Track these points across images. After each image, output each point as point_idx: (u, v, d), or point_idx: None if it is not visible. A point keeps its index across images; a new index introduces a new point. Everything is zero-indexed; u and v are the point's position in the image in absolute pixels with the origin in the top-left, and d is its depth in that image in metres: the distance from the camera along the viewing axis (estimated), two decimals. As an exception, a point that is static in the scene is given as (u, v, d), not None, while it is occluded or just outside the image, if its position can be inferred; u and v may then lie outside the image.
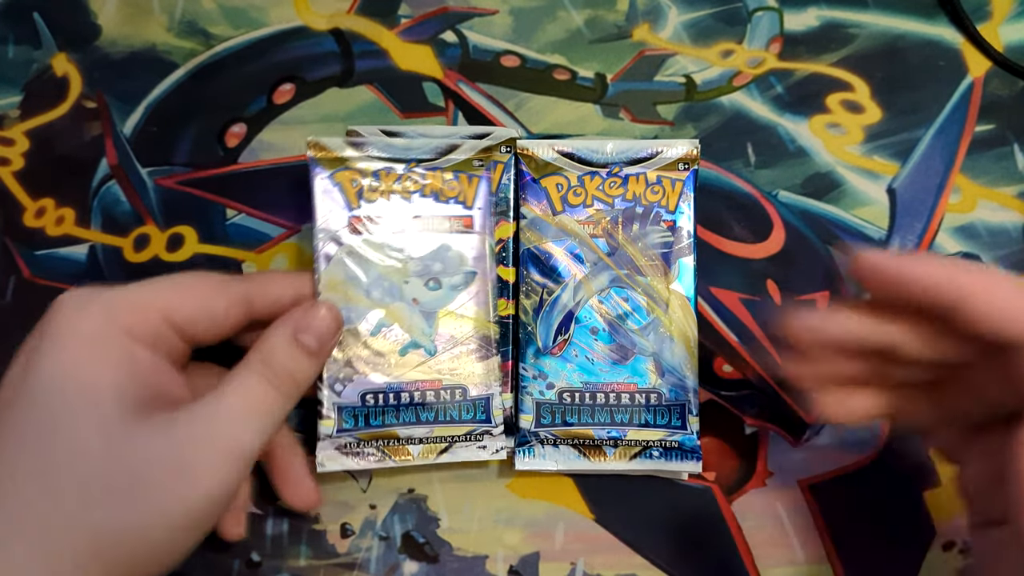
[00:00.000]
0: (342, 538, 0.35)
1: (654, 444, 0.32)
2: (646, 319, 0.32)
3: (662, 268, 0.32)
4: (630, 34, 0.39)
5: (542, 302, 0.32)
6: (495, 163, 0.33)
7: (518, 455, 0.32)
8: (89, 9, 0.38)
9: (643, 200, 0.32)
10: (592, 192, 0.32)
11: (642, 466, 0.32)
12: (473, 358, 0.32)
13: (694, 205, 0.33)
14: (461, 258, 0.32)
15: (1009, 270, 0.37)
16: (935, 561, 0.34)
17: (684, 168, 0.33)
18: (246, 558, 0.35)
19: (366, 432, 0.31)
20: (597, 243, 0.32)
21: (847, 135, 0.38)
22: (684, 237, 0.32)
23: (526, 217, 0.32)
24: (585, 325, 0.32)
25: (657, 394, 0.32)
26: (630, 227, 0.32)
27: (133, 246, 0.36)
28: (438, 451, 0.32)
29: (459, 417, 0.31)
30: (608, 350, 0.32)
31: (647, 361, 0.32)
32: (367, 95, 0.38)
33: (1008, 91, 0.38)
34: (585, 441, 0.32)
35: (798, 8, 0.39)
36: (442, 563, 0.34)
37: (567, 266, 0.32)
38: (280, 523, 0.35)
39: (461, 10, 0.39)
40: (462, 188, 0.32)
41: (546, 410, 0.32)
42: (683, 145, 0.33)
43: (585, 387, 0.32)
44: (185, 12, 0.38)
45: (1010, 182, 0.37)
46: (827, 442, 0.35)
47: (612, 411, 0.32)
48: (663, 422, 0.32)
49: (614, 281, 0.32)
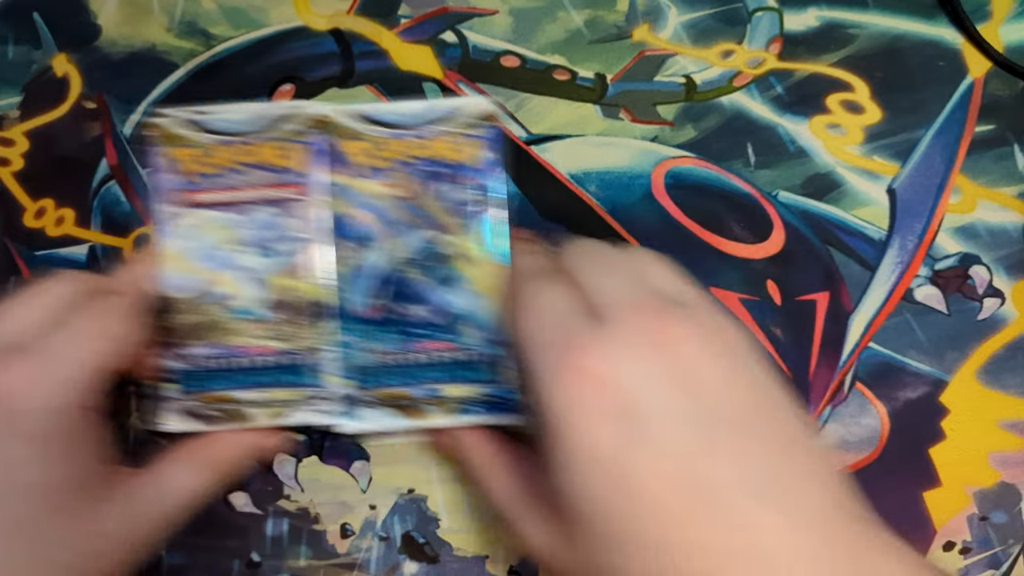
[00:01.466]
0: (342, 538, 0.35)
1: (471, 399, 0.32)
2: (456, 278, 0.32)
3: (468, 226, 0.32)
4: (630, 34, 0.39)
5: (354, 268, 0.32)
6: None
7: (342, 420, 0.33)
8: (89, 9, 0.38)
9: (446, 159, 0.33)
10: (396, 155, 0.33)
11: (462, 421, 0.32)
12: (305, 323, 0.32)
13: (498, 162, 0.33)
14: (292, 225, 0.32)
15: (1009, 270, 0.37)
16: (935, 561, 0.34)
17: (486, 126, 0.33)
18: (246, 558, 0.35)
19: (207, 395, 0.32)
20: (403, 205, 0.32)
21: (847, 135, 0.38)
22: (487, 193, 0.33)
23: (334, 185, 0.33)
24: (398, 288, 0.32)
25: (471, 350, 0.32)
26: (435, 187, 0.33)
27: (133, 246, 0.36)
28: (276, 415, 0.32)
29: (292, 381, 0.32)
30: (422, 311, 0.32)
31: (459, 319, 0.32)
32: (367, 95, 0.38)
33: (1008, 91, 0.38)
34: (404, 401, 0.32)
35: (798, 8, 0.39)
36: (442, 563, 0.34)
37: (376, 230, 0.32)
38: (280, 523, 0.35)
39: (461, 10, 0.39)
40: (294, 156, 0.32)
41: (364, 373, 0.32)
42: (481, 103, 0.33)
43: (401, 348, 0.32)
44: (185, 12, 0.38)
45: (1010, 182, 0.37)
46: (827, 442, 0.35)
47: (428, 370, 0.32)
48: (478, 377, 0.32)
49: (423, 242, 0.32)
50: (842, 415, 0.36)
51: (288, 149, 0.33)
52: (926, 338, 0.36)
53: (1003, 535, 0.35)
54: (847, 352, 0.36)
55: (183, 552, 0.35)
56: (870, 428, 0.35)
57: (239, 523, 0.35)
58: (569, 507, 0.26)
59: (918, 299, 0.36)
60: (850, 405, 0.36)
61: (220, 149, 0.32)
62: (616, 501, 0.25)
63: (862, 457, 0.35)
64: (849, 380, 0.36)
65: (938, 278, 0.37)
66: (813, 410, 0.36)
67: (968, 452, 0.35)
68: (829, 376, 0.36)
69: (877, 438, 0.35)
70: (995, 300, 0.36)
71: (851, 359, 0.36)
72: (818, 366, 0.36)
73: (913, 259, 0.37)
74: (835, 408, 0.36)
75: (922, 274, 0.37)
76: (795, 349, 0.36)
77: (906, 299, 0.36)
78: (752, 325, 0.36)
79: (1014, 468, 0.35)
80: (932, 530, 0.35)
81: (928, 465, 0.35)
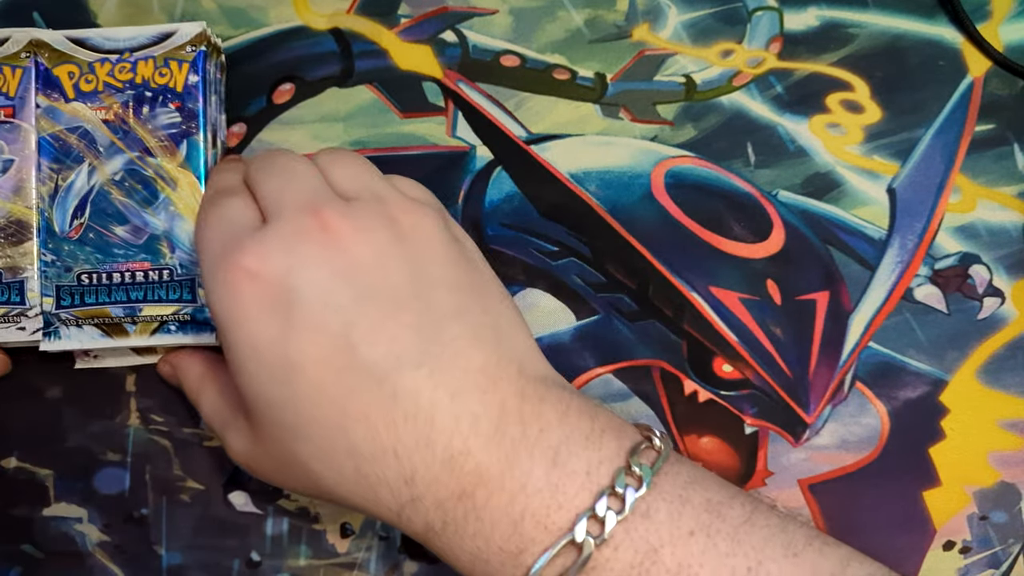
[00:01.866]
0: (342, 538, 0.35)
1: (169, 318, 0.33)
2: (158, 199, 0.33)
3: (171, 148, 0.33)
4: (630, 34, 0.39)
5: (57, 188, 0.33)
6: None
7: (44, 340, 0.33)
8: (89, 9, 0.38)
9: (152, 83, 0.33)
10: (103, 78, 0.33)
11: (162, 341, 0.33)
12: (8, 243, 0.33)
13: (203, 85, 0.34)
14: (0, 147, 0.33)
15: (1009, 270, 0.37)
16: (935, 561, 0.34)
17: (192, 50, 0.34)
18: (246, 558, 0.35)
19: None
20: (109, 127, 0.33)
21: (847, 135, 0.38)
22: (191, 117, 0.33)
23: (40, 106, 0.34)
24: (100, 208, 0.33)
25: (169, 270, 0.33)
26: (140, 110, 0.33)
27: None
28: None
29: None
30: (123, 231, 0.33)
31: (159, 239, 0.33)
32: (367, 95, 0.38)
33: (1008, 91, 0.38)
34: (105, 320, 0.33)
35: (798, 8, 0.39)
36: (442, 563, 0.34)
37: (81, 152, 0.33)
38: (280, 523, 0.35)
39: (461, 10, 0.39)
40: (6, 79, 0.33)
41: (65, 292, 0.33)
42: (191, 27, 0.34)
43: (102, 268, 0.33)
44: (185, 12, 0.38)
45: (1010, 182, 0.37)
46: (827, 442, 0.35)
47: (128, 289, 0.33)
48: (175, 296, 0.33)
49: (127, 164, 0.33)
50: (842, 415, 0.36)
51: (0, 72, 0.34)
52: (926, 338, 0.36)
53: (1003, 534, 0.35)
54: (847, 352, 0.36)
55: (183, 551, 0.35)
56: (870, 428, 0.35)
57: (239, 523, 0.35)
58: (248, 404, 0.27)
59: (918, 299, 0.36)
60: (850, 405, 0.36)
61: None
62: (280, 389, 0.26)
63: (862, 457, 0.35)
64: (849, 380, 0.36)
65: (938, 277, 0.37)
66: (813, 410, 0.36)
67: (968, 452, 0.35)
68: (829, 376, 0.36)
69: (877, 438, 0.35)
70: (995, 299, 0.36)
71: (851, 359, 0.36)
72: (818, 366, 0.36)
73: (913, 259, 0.37)
74: (835, 408, 0.36)
75: (922, 273, 0.37)
76: (795, 349, 0.36)
77: (906, 299, 0.36)
78: (752, 325, 0.36)
79: (1014, 468, 0.35)
80: (932, 529, 0.35)
81: (928, 465, 0.35)
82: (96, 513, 0.35)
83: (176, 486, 0.35)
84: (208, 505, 0.35)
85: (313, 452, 0.26)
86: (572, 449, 0.26)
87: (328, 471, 0.26)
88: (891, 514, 0.35)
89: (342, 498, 0.27)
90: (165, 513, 0.35)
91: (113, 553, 0.35)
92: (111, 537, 0.35)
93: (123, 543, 0.35)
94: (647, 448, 0.26)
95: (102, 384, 0.35)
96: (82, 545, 0.35)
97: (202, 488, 0.35)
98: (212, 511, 0.35)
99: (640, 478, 0.25)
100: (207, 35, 0.34)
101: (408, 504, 0.26)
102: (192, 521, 0.35)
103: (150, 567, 0.35)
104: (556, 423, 0.26)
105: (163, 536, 0.35)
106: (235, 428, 0.30)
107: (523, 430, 0.26)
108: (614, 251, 0.37)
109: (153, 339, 0.33)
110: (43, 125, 0.33)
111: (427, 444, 0.25)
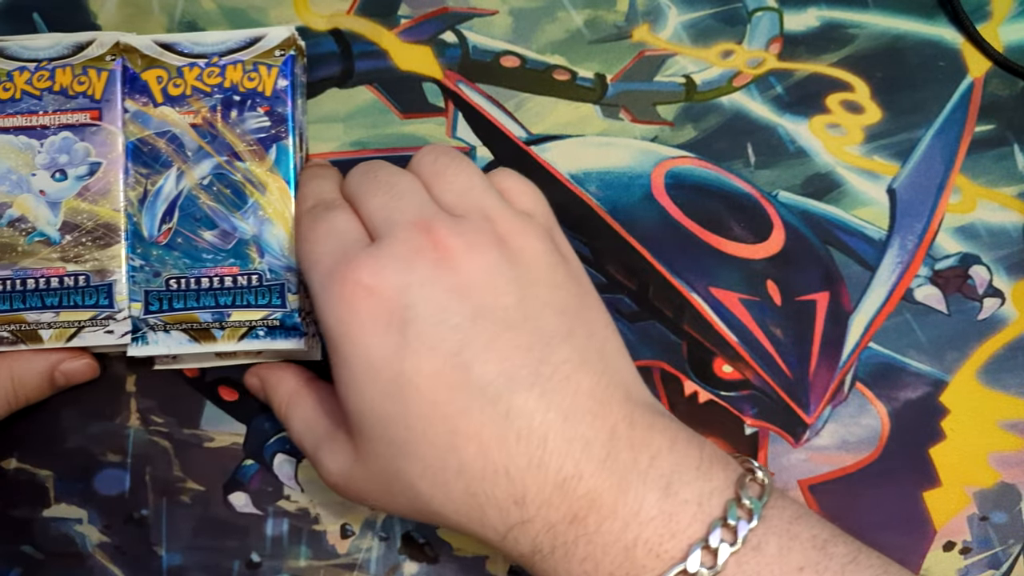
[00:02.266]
0: (342, 538, 0.35)
1: (258, 323, 0.33)
2: (246, 203, 0.33)
3: (260, 153, 0.33)
4: (630, 34, 0.39)
5: (146, 193, 0.33)
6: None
7: (132, 345, 0.33)
8: (89, 9, 0.38)
9: (240, 87, 0.33)
10: (191, 83, 0.34)
11: (250, 346, 0.33)
12: (96, 246, 0.33)
13: (292, 89, 0.34)
14: (87, 150, 0.33)
15: (1009, 270, 0.37)
16: (935, 561, 0.34)
17: (281, 54, 0.34)
18: (246, 558, 0.35)
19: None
20: (197, 132, 0.33)
21: (847, 135, 0.38)
22: (280, 121, 0.33)
23: (128, 111, 0.34)
24: (188, 213, 0.33)
25: (258, 275, 0.33)
26: (228, 115, 0.33)
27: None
28: (67, 336, 0.33)
29: (83, 303, 0.33)
30: (211, 236, 0.33)
31: (248, 244, 0.33)
32: (367, 95, 0.38)
33: (1008, 91, 0.38)
34: (193, 325, 0.33)
35: (798, 8, 0.39)
36: (442, 563, 0.34)
37: (169, 156, 0.33)
38: (280, 523, 0.35)
39: (461, 10, 0.39)
40: (91, 82, 0.33)
41: (154, 297, 0.33)
42: (280, 31, 0.34)
43: (190, 273, 0.33)
44: (185, 12, 0.38)
45: (1010, 182, 0.37)
46: (827, 442, 0.35)
47: (216, 294, 0.33)
48: (264, 302, 0.33)
49: (215, 168, 0.33)
50: (842, 415, 0.36)
51: (86, 75, 0.34)
52: (926, 338, 0.36)
53: (1003, 535, 0.35)
54: (847, 352, 0.36)
55: (183, 552, 0.35)
56: (870, 428, 0.35)
57: (239, 523, 0.35)
58: (354, 420, 0.27)
59: (918, 299, 0.37)
60: (850, 405, 0.36)
61: (19, 75, 0.33)
62: (392, 405, 0.26)
63: (862, 457, 0.35)
64: (849, 380, 0.36)
65: (938, 278, 0.37)
66: (813, 410, 0.36)
67: (968, 452, 0.35)
68: (829, 376, 0.36)
69: (877, 438, 0.35)
70: (995, 300, 0.36)
71: (851, 359, 0.36)
72: (818, 366, 0.36)
73: (913, 259, 0.37)
74: (835, 408, 0.36)
75: (922, 274, 0.37)
76: (795, 349, 0.36)
77: (906, 299, 0.36)
78: (752, 325, 0.36)
79: (1014, 468, 0.35)
80: (932, 530, 0.35)
81: (928, 465, 0.35)
82: (96, 514, 0.35)
83: (176, 487, 0.35)
84: (208, 506, 0.35)
85: (421, 471, 0.26)
86: (683, 478, 0.26)
87: (435, 490, 0.26)
88: (891, 515, 0.35)
89: (445, 518, 0.27)
90: (165, 514, 0.35)
91: (113, 554, 0.35)
92: (111, 538, 0.35)
93: (123, 544, 0.35)
94: (751, 480, 0.27)
95: (102, 385, 0.35)
96: (82, 546, 0.35)
97: (202, 489, 0.35)
98: (212, 512, 0.35)
99: (750, 511, 0.25)
100: (295, 39, 0.34)
101: (517, 526, 0.26)
102: (192, 522, 0.35)
103: (150, 568, 0.35)
104: (667, 451, 0.26)
105: (163, 537, 0.35)
106: (332, 446, 0.29)
107: (634, 457, 0.26)
108: (614, 252, 0.37)
109: (241, 344, 0.33)
110: (131, 130, 0.33)
111: (539, 465, 0.25)
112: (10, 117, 0.33)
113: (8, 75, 0.33)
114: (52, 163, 0.33)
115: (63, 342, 0.33)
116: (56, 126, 0.33)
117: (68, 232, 0.33)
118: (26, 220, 0.33)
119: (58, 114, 0.33)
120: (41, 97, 0.33)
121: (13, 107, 0.33)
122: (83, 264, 0.33)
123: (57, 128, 0.33)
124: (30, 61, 0.34)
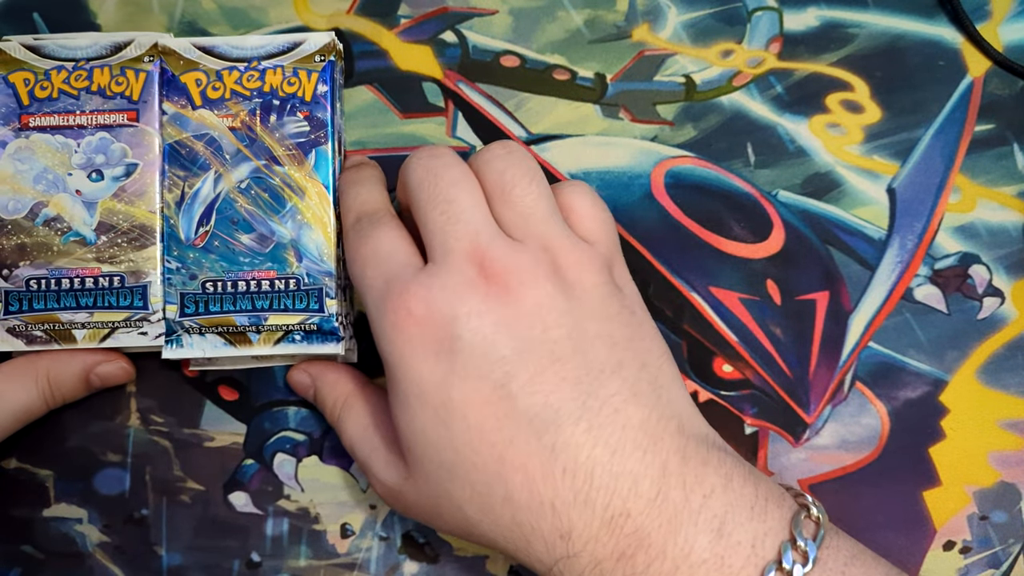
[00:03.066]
0: (342, 538, 0.35)
1: (295, 328, 0.33)
2: (284, 207, 0.33)
3: (299, 157, 0.33)
4: (630, 34, 0.39)
5: (183, 195, 0.33)
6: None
7: (166, 347, 0.33)
8: (89, 9, 0.38)
9: (280, 92, 0.33)
10: (231, 86, 0.34)
11: (286, 350, 0.33)
12: (131, 247, 0.33)
13: (332, 95, 0.34)
14: (123, 150, 0.33)
15: (1009, 269, 0.37)
16: (935, 561, 0.34)
17: (321, 60, 0.34)
18: (246, 558, 0.35)
19: (31, 315, 0.33)
20: (236, 135, 0.33)
21: (847, 135, 0.38)
22: (320, 127, 0.33)
23: (167, 113, 0.34)
24: (226, 216, 0.33)
25: (296, 279, 0.33)
26: (267, 119, 0.33)
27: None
28: (100, 336, 0.33)
29: (117, 303, 0.33)
30: (248, 239, 0.33)
31: (286, 248, 0.33)
32: (367, 95, 0.38)
33: (1008, 91, 0.38)
34: (229, 328, 0.33)
35: (798, 8, 0.39)
36: (442, 563, 0.34)
37: (207, 159, 0.33)
38: (280, 523, 0.35)
39: (461, 10, 0.39)
40: (129, 83, 0.33)
41: (190, 300, 0.33)
42: (321, 37, 0.34)
43: (227, 276, 0.33)
44: (185, 12, 0.38)
45: (1010, 182, 0.37)
46: (827, 442, 0.35)
47: (253, 298, 0.33)
48: (301, 306, 0.33)
49: (253, 172, 0.33)
50: (842, 415, 0.36)
51: (124, 76, 0.34)
52: (926, 338, 0.36)
53: (1003, 534, 0.35)
54: (847, 352, 0.36)
55: (183, 552, 0.35)
56: (870, 428, 0.35)
57: (239, 523, 0.35)
58: (405, 440, 0.28)
59: (918, 299, 0.37)
60: (850, 405, 0.36)
61: (57, 74, 0.33)
62: (441, 430, 0.26)
63: (862, 457, 0.35)
64: (849, 380, 0.36)
65: (938, 277, 0.37)
66: (813, 410, 0.36)
67: (968, 452, 0.35)
68: (829, 376, 0.36)
69: (877, 438, 0.35)
70: (995, 299, 0.36)
71: (851, 359, 0.36)
72: (818, 366, 0.36)
73: (913, 258, 0.37)
74: (835, 408, 0.36)
75: (922, 273, 0.37)
76: (795, 349, 0.36)
77: (906, 299, 0.36)
78: (752, 325, 0.36)
79: (1014, 468, 0.35)
80: (932, 529, 0.35)
81: (928, 465, 0.35)
82: (96, 514, 0.35)
83: (176, 487, 0.35)
84: (208, 506, 0.35)
85: (470, 496, 0.26)
86: (737, 519, 0.25)
87: (483, 516, 0.26)
88: (891, 514, 0.35)
89: (495, 543, 0.27)
90: (165, 514, 0.35)
91: (113, 554, 0.35)
92: (111, 538, 0.35)
93: (123, 544, 0.35)
94: (806, 517, 0.26)
95: (102, 385, 0.35)
96: (82, 546, 0.35)
97: (202, 489, 0.35)
98: (212, 512, 0.35)
99: (805, 553, 0.25)
100: (335, 45, 0.34)
101: (563, 560, 0.26)
102: (192, 522, 0.35)
103: (150, 568, 0.35)
104: (720, 490, 0.26)
105: (163, 537, 0.35)
106: (385, 459, 0.30)
107: (686, 496, 0.25)
108: (614, 251, 0.37)
109: (277, 348, 0.33)
110: (169, 132, 0.33)
111: (585, 501, 0.25)
112: (47, 116, 0.33)
113: (46, 74, 0.33)
114: (88, 163, 0.33)
115: (97, 342, 0.33)
116: (93, 126, 0.33)
117: (104, 233, 0.33)
118: (62, 220, 0.33)
119: (95, 114, 0.33)
120: (78, 97, 0.33)
121: (50, 106, 0.33)
122: (118, 265, 0.33)
123: (94, 128, 0.33)
124: (68, 60, 0.34)
